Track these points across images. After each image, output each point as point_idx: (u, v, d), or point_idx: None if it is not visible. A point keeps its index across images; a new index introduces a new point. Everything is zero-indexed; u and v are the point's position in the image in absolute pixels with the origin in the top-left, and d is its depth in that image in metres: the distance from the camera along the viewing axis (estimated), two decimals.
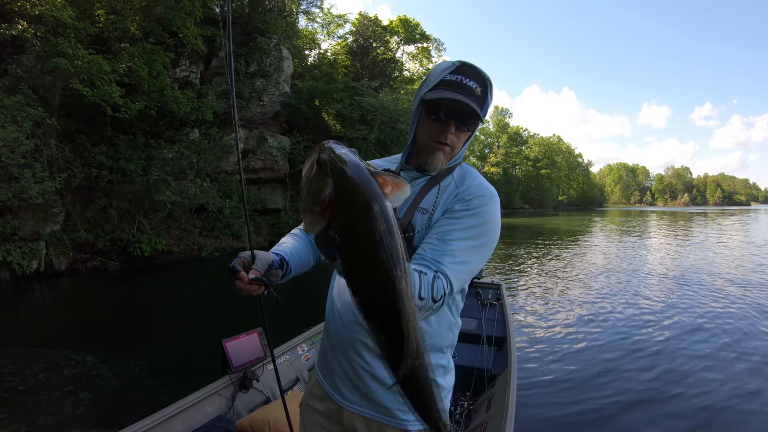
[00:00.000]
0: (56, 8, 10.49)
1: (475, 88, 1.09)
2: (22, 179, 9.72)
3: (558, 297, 9.08)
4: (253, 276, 1.07)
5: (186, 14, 13.80)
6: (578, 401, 4.38)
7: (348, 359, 1.15)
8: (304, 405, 1.32)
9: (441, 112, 1.09)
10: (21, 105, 9.92)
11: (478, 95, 1.10)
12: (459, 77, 1.09)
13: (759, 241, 21.79)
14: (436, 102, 1.09)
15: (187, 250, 14.46)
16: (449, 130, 1.10)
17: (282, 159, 18.92)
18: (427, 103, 1.11)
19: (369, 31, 28.92)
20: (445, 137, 1.11)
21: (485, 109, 1.12)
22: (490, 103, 1.13)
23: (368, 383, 1.13)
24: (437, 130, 1.11)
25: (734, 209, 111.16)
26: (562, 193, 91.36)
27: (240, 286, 1.07)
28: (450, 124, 1.10)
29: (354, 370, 1.14)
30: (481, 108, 1.10)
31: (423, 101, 1.12)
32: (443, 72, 1.10)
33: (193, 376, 4.18)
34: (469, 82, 1.09)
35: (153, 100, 12.99)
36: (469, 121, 1.11)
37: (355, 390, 1.15)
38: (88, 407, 4.31)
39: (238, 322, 2.28)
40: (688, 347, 5.94)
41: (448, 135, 1.11)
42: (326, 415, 1.22)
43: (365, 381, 1.13)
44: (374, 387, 1.12)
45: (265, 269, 1.11)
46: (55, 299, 9.82)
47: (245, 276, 1.06)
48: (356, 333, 1.12)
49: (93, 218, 12.60)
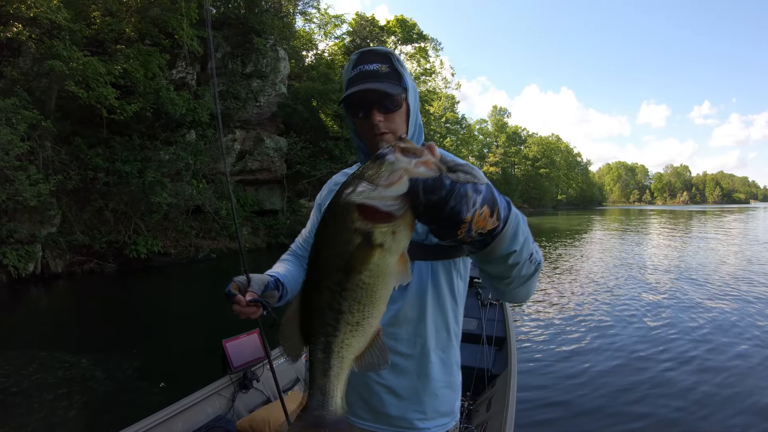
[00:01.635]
0: (51, 10, 10.45)
1: (379, 68, 1.09)
2: (16, 182, 9.66)
3: (558, 297, 9.08)
4: (250, 298, 1.08)
5: (181, 15, 13.77)
6: (578, 401, 4.36)
7: (359, 375, 1.07)
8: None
9: (358, 109, 1.11)
10: (16, 107, 9.87)
11: (386, 72, 1.10)
12: (360, 68, 1.10)
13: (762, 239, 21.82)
14: (348, 102, 1.11)
15: (183, 251, 14.40)
16: (374, 119, 1.09)
17: (279, 160, 18.88)
18: (345, 107, 1.13)
19: (366, 32, 28.92)
20: (377, 128, 1.09)
21: (403, 78, 1.11)
22: (402, 70, 1.12)
23: (383, 398, 1.11)
24: (367, 126, 1.11)
25: (733, 207, 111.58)
26: (561, 193, 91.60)
27: (237, 309, 1.07)
28: (372, 114, 1.09)
29: (367, 387, 1.12)
30: (396, 80, 1.10)
31: (344, 105, 1.13)
32: (347, 72, 1.13)
33: (193, 376, 4.13)
34: (371, 66, 1.09)
35: (149, 102, 12.96)
36: (385, 102, 1.08)
37: (368, 407, 1.12)
38: (82, 409, 4.26)
39: (238, 323, 2.25)
40: (688, 347, 5.91)
41: (378, 124, 1.09)
42: None
43: (380, 396, 1.11)
44: (389, 401, 1.10)
45: (261, 291, 1.13)
46: (52, 302, 9.77)
47: (242, 299, 1.07)
48: None
49: (89, 220, 12.55)
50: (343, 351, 0.71)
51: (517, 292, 0.87)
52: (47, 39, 10.63)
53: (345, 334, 0.69)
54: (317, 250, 0.68)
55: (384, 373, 1.10)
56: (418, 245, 1.05)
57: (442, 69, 41.53)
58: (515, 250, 0.74)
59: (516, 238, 0.72)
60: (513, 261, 0.76)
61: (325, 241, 0.67)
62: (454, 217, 0.59)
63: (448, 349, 1.15)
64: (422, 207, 0.59)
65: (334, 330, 0.69)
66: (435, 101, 39.18)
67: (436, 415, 1.13)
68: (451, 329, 1.15)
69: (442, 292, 1.11)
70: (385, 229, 0.62)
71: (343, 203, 0.63)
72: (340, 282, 0.65)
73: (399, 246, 0.64)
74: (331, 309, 0.67)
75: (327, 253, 0.66)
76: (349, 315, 0.67)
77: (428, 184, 0.58)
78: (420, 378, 1.10)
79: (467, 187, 0.59)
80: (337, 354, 0.71)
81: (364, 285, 0.65)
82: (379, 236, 0.62)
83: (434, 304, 1.11)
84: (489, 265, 0.79)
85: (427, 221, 0.62)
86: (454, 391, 1.19)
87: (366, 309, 0.68)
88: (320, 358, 0.72)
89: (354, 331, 0.69)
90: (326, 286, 0.66)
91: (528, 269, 0.81)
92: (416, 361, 1.10)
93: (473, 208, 0.60)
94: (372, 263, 0.63)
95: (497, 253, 0.73)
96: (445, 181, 0.58)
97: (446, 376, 1.15)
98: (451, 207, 0.58)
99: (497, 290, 0.89)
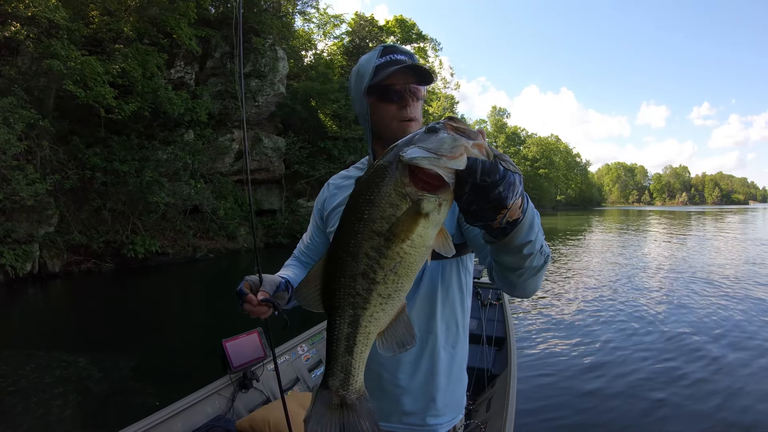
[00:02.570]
0: (49, 9, 10.41)
1: (407, 59, 1.11)
2: (13, 181, 9.62)
3: (558, 297, 9.07)
4: (262, 297, 1.07)
5: (180, 15, 13.74)
6: (578, 401, 4.36)
7: (372, 376, 1.09)
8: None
9: (393, 91, 1.09)
10: (13, 107, 9.82)
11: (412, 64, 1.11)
12: (389, 56, 1.10)
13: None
14: (384, 86, 1.09)
15: (181, 251, 14.36)
16: (408, 103, 1.09)
17: (277, 159, 18.86)
18: (377, 89, 1.11)
19: (365, 31, 28.92)
20: (407, 112, 1.10)
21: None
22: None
23: (396, 396, 1.12)
24: (397, 108, 1.10)
25: (733, 208, 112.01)
26: (561, 193, 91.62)
27: (249, 309, 1.07)
28: (406, 97, 1.10)
29: (380, 386, 1.12)
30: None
31: (371, 91, 1.11)
32: (372, 61, 1.12)
33: (192, 376, 4.12)
34: (399, 56, 1.10)
35: (147, 101, 12.93)
36: (424, 77, 1.10)
37: (379, 406, 1.11)
38: (78, 408, 4.26)
39: (238, 323, 2.26)
40: (690, 346, 5.91)
41: (409, 108, 1.10)
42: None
43: (392, 394, 1.12)
44: (402, 399, 1.11)
45: (273, 291, 1.12)
46: (49, 301, 9.75)
47: (254, 298, 1.06)
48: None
49: (87, 220, 12.51)
50: (370, 326, 0.69)
51: (528, 284, 0.88)
52: (45, 38, 10.60)
53: (375, 306, 0.67)
54: (357, 211, 0.64)
55: (395, 371, 1.10)
56: None
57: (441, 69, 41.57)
58: (531, 240, 0.76)
59: (532, 228, 0.75)
60: (528, 251, 0.78)
61: (368, 202, 0.63)
62: (500, 202, 0.62)
63: (456, 344, 1.16)
64: (472, 187, 0.60)
65: (364, 301, 0.66)
66: (434, 101, 39.23)
67: (447, 410, 1.16)
68: (459, 324, 1.17)
69: (451, 288, 1.13)
70: (434, 199, 0.61)
71: (401, 164, 0.61)
72: (379, 248, 0.62)
73: (441, 219, 0.64)
74: (365, 277, 0.64)
75: (370, 215, 0.62)
76: (383, 286, 0.65)
77: (486, 167, 0.60)
78: (432, 374, 1.12)
79: (516, 176, 0.62)
80: (364, 329, 0.68)
81: (404, 254, 0.63)
82: (427, 205, 0.61)
83: (444, 302, 1.12)
84: (505, 255, 0.82)
85: (470, 201, 0.62)
86: (462, 385, 1.21)
87: (400, 281, 0.66)
88: (346, 333, 0.69)
89: (384, 303, 0.67)
90: (363, 251, 0.63)
91: (539, 260, 0.83)
92: (428, 358, 1.11)
93: (515, 196, 0.64)
94: (416, 233, 0.62)
95: (515, 242, 0.75)
96: (500, 167, 0.60)
97: (456, 371, 1.16)
98: (499, 191, 0.61)
99: (509, 282, 0.90)
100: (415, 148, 0.61)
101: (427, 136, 0.63)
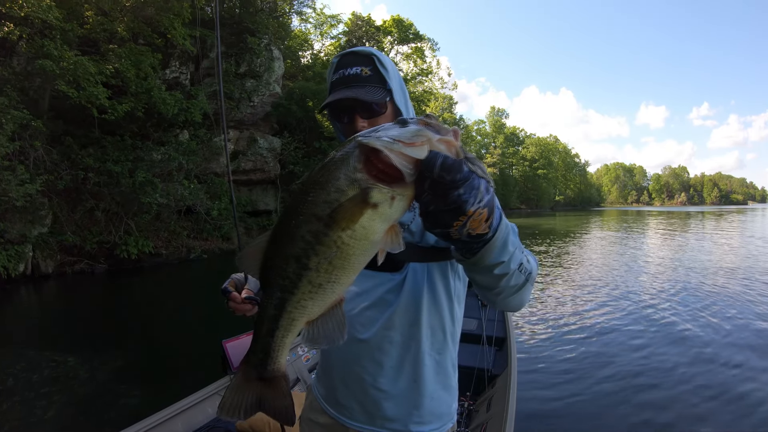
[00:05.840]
0: (43, 9, 10.42)
1: (361, 71, 1.05)
2: (3, 182, 9.64)
3: (558, 297, 9.05)
4: (246, 295, 1.09)
5: (174, 15, 13.75)
6: (579, 401, 4.37)
7: (354, 378, 1.11)
8: (305, 419, 1.27)
9: (341, 115, 1.08)
10: (5, 107, 9.84)
11: (368, 75, 1.05)
12: (342, 72, 1.06)
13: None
14: (331, 109, 1.08)
15: (175, 252, 14.37)
16: (357, 127, 1.05)
17: (273, 160, 18.86)
18: (328, 112, 1.10)
19: (362, 31, 28.94)
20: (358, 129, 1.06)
21: (387, 80, 1.07)
22: (385, 69, 1.07)
23: (378, 401, 1.09)
24: (352, 131, 1.06)
25: (732, 208, 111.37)
26: (559, 193, 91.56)
27: (233, 306, 1.09)
28: (354, 121, 1.06)
29: (362, 389, 1.10)
30: (379, 83, 1.06)
31: (326, 108, 1.09)
32: (329, 76, 1.09)
33: (192, 376, 4.14)
34: (353, 70, 1.05)
35: (140, 102, 12.94)
36: (367, 108, 1.05)
37: (362, 409, 1.11)
38: (71, 407, 4.29)
39: (238, 323, 2.26)
40: (694, 349, 5.89)
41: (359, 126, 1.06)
42: (329, 428, 1.18)
43: (375, 399, 1.09)
44: (385, 404, 1.09)
45: (257, 289, 1.13)
46: (42, 302, 9.77)
47: (237, 296, 1.09)
48: (362, 350, 1.08)
49: (80, 220, 12.53)
50: (295, 312, 0.65)
51: (508, 301, 0.86)
52: (38, 38, 10.62)
53: (303, 293, 0.63)
54: (303, 192, 0.61)
55: (379, 376, 1.08)
56: (414, 247, 1.04)
57: (439, 69, 41.52)
58: (503, 261, 0.73)
59: (505, 248, 0.72)
60: (500, 271, 0.75)
61: (315, 184, 0.60)
62: (459, 205, 0.58)
63: (443, 351, 1.13)
64: (431, 184, 0.57)
65: (292, 285, 0.63)
66: (432, 102, 39.16)
67: (432, 417, 1.12)
68: (447, 331, 1.13)
69: (438, 294, 1.09)
70: (386, 190, 0.58)
71: (354, 145, 0.58)
72: (316, 233, 0.59)
73: (392, 215, 0.60)
74: (298, 261, 0.61)
75: (313, 198, 0.59)
76: (315, 273, 0.61)
77: (448, 162, 0.56)
78: (415, 381, 1.09)
79: (481, 182, 0.59)
80: (288, 314, 0.65)
81: (342, 244, 0.59)
82: (377, 196, 0.57)
83: (430, 307, 1.09)
84: (477, 275, 0.79)
85: (428, 200, 0.59)
86: (450, 393, 1.17)
87: (335, 272, 0.61)
88: (271, 314, 0.66)
89: (314, 293, 0.63)
90: (300, 234, 0.60)
91: (517, 279, 0.80)
92: (411, 364, 1.09)
93: (478, 204, 0.60)
94: (359, 223, 0.58)
95: (485, 263, 0.72)
96: (463, 166, 0.57)
97: (442, 378, 1.13)
98: (459, 193, 0.57)
99: (488, 300, 0.89)
100: (377, 134, 0.59)
101: (393, 126, 0.61)
